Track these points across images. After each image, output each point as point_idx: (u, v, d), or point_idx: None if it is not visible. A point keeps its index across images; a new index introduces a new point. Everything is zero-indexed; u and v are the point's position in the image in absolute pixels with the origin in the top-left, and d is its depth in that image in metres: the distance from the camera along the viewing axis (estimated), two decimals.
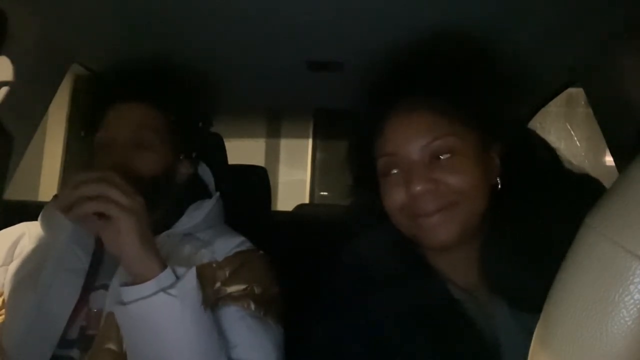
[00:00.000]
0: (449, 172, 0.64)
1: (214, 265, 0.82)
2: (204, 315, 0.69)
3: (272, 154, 3.57)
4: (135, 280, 0.66)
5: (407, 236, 0.70)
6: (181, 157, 0.92)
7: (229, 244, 0.86)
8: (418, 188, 0.63)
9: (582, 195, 0.33)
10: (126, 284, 0.67)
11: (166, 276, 0.67)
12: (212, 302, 0.78)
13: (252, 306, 0.78)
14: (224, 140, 1.31)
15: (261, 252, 0.88)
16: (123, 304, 0.66)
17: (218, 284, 0.80)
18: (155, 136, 0.87)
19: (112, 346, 0.74)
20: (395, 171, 0.68)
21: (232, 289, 0.80)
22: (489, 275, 0.67)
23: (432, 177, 0.64)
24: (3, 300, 0.82)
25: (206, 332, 0.69)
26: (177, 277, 0.68)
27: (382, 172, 0.70)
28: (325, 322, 0.69)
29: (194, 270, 0.69)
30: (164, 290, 0.65)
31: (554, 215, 0.58)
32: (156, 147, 0.87)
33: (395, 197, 0.67)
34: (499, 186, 0.68)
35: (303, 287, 0.82)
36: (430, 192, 0.64)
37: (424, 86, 0.68)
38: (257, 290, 0.81)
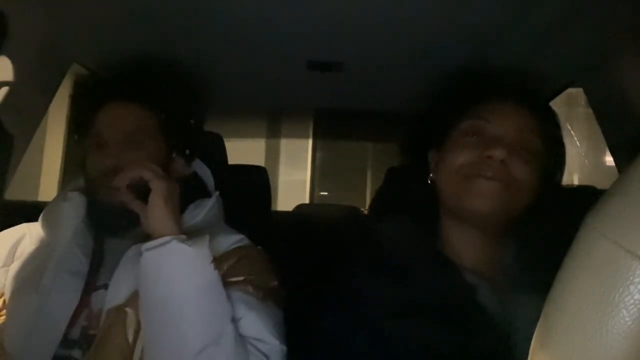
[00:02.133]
0: (522, 162, 0.70)
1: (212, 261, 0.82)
2: (214, 272, 0.73)
3: (272, 154, 3.58)
4: (155, 237, 0.73)
5: (447, 201, 0.75)
6: (173, 155, 0.92)
7: (227, 241, 0.86)
8: (498, 153, 0.69)
9: (583, 205, 0.34)
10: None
11: (182, 235, 0.74)
12: None
13: (250, 289, 0.79)
14: (224, 140, 1.31)
15: (259, 247, 0.88)
16: (141, 254, 0.73)
17: None
18: (145, 135, 0.87)
19: (118, 342, 0.74)
20: (477, 136, 0.74)
21: (231, 280, 0.80)
22: (506, 266, 0.72)
23: (510, 155, 0.70)
24: (4, 301, 0.82)
25: (215, 288, 0.73)
26: None
27: (464, 131, 0.75)
28: (340, 310, 0.72)
29: (207, 236, 0.76)
30: (179, 240, 0.72)
31: (570, 226, 0.62)
32: (147, 146, 0.87)
33: (466, 154, 0.73)
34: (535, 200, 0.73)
35: (303, 287, 0.82)
36: (502, 164, 0.69)
37: (532, 94, 0.80)
38: (255, 281, 0.81)
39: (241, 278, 0.80)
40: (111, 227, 0.87)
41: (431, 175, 0.79)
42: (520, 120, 0.74)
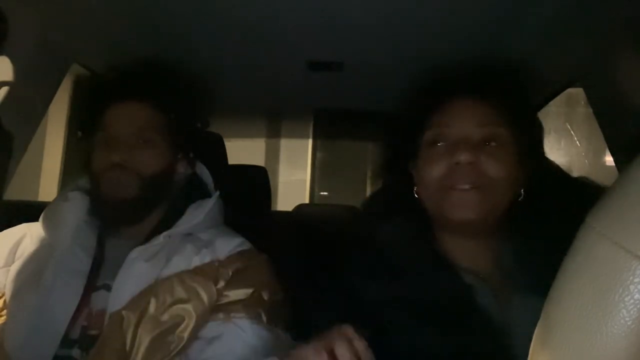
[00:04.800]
0: (492, 158, 0.69)
1: (216, 264, 0.83)
2: None
3: (272, 154, 3.57)
4: None
5: (432, 213, 0.74)
6: (179, 157, 0.93)
7: (230, 243, 0.86)
8: (463, 157, 0.67)
9: (584, 197, 0.33)
10: None
11: None
12: (215, 300, 0.79)
13: (264, 317, 0.78)
14: (224, 140, 1.31)
15: (264, 255, 0.89)
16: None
17: (222, 283, 0.81)
18: (155, 135, 0.88)
19: (116, 346, 0.74)
20: (442, 143, 0.72)
21: (240, 293, 0.80)
22: (503, 265, 0.71)
23: (477, 155, 0.68)
24: (4, 301, 0.82)
25: None
26: None
27: (429, 142, 0.74)
28: (337, 311, 0.71)
29: None
30: None
31: (564, 218, 0.60)
32: (155, 145, 0.88)
33: (436, 167, 0.71)
34: (521, 197, 0.72)
35: (303, 287, 0.82)
36: (472, 167, 0.68)
37: (486, 81, 0.76)
38: (265, 296, 0.81)
39: (250, 290, 0.80)
40: (113, 221, 0.88)
41: (415, 188, 0.78)
42: (481, 115, 0.72)
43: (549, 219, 0.67)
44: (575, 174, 0.80)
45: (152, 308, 0.77)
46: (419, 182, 0.75)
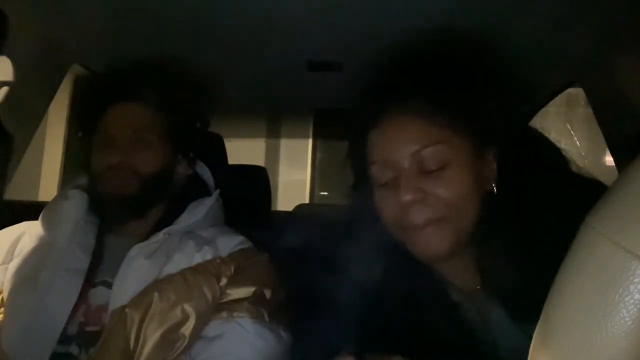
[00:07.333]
0: (439, 183, 0.62)
1: (218, 260, 0.83)
2: None
3: (272, 154, 3.57)
4: None
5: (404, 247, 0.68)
6: (179, 157, 0.93)
7: (231, 241, 0.87)
8: (407, 197, 0.61)
9: (585, 199, 0.31)
10: None
11: None
12: (218, 298, 0.79)
13: (266, 317, 0.79)
14: (224, 140, 1.31)
15: (265, 254, 0.89)
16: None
17: (224, 280, 0.81)
18: (153, 135, 0.88)
19: (120, 343, 0.74)
20: (387, 180, 0.66)
21: (242, 291, 0.80)
22: (487, 279, 0.65)
23: (422, 187, 0.62)
24: (2, 298, 0.82)
25: None
26: None
27: (375, 180, 0.68)
28: (320, 323, 0.69)
29: None
30: None
31: (555, 218, 0.55)
32: (154, 145, 0.88)
33: (388, 209, 0.66)
34: (495, 191, 0.65)
35: (302, 287, 0.82)
36: (420, 202, 0.62)
37: (414, 92, 0.66)
38: (267, 294, 0.81)
39: (252, 289, 0.80)
40: (113, 218, 0.88)
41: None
42: (413, 136, 0.63)
43: (533, 213, 0.61)
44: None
45: (156, 306, 0.77)
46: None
